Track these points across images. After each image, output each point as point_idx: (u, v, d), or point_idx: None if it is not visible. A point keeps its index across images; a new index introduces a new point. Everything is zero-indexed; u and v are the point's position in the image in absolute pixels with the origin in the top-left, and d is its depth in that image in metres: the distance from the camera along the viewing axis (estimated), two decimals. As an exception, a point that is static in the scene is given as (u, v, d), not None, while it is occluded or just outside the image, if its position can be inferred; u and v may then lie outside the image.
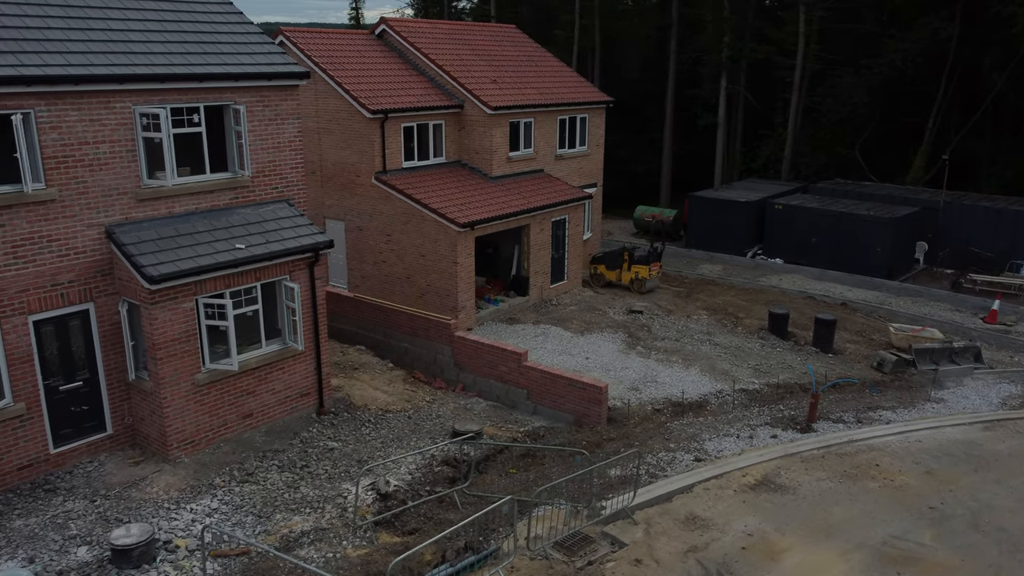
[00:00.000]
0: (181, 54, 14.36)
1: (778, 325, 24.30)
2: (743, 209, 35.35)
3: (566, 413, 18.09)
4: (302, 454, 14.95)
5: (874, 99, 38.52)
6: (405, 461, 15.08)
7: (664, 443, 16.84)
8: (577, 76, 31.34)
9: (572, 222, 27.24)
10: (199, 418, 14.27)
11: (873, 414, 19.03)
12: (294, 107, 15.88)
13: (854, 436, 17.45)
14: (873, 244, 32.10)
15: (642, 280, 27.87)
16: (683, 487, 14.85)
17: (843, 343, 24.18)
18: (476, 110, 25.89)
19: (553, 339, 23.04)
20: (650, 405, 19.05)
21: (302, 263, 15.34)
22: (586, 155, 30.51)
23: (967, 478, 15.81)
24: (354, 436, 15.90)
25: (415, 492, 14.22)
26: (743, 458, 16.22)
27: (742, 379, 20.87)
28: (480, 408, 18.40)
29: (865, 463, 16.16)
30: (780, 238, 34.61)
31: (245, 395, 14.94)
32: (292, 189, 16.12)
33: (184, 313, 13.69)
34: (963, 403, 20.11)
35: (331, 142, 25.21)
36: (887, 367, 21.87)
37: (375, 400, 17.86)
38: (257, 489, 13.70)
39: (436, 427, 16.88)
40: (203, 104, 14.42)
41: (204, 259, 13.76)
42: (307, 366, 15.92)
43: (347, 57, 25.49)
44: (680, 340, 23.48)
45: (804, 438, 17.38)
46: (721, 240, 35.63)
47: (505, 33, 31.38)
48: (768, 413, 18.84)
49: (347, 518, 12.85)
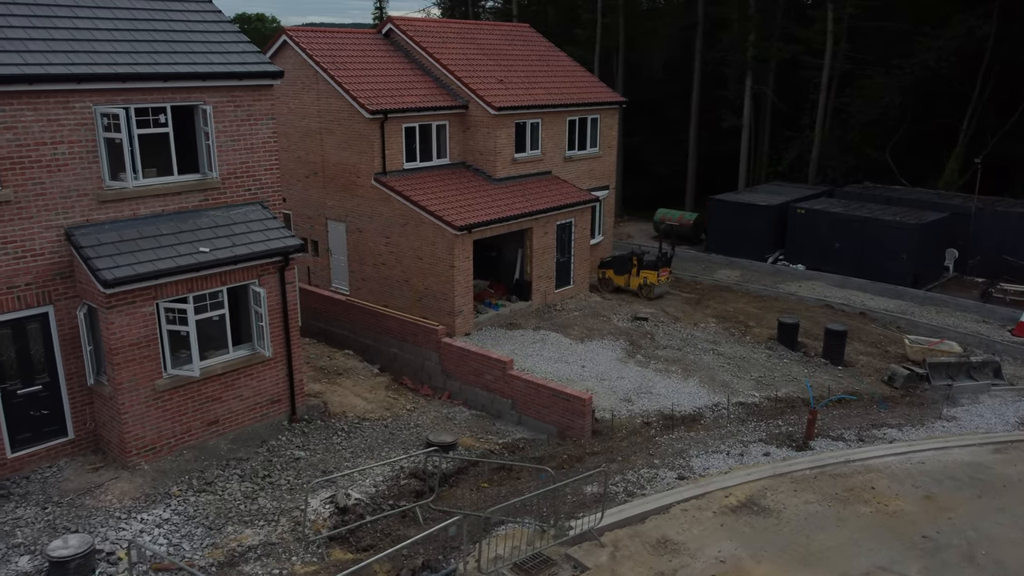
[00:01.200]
0: (148, 53, 14.09)
1: (787, 335, 23.36)
2: (764, 213, 34.30)
3: (550, 425, 17.49)
4: (266, 463, 14.58)
5: (906, 100, 37.13)
6: (372, 473, 14.62)
7: (648, 459, 16.15)
8: (590, 76, 30.64)
9: (578, 225, 26.57)
10: (160, 424, 13.98)
11: (877, 432, 18.08)
12: (268, 107, 15.53)
13: (851, 456, 16.55)
14: (898, 251, 30.84)
15: (651, 286, 27.09)
16: (659, 507, 14.14)
17: (855, 355, 23.14)
18: (480, 111, 25.39)
19: (551, 346, 22.42)
20: (640, 418, 18.34)
21: (271, 267, 14.98)
22: (597, 157, 29.80)
23: (969, 505, 14.84)
24: (324, 445, 15.50)
25: (377, 506, 13.75)
26: (729, 477, 15.45)
27: (742, 392, 20.03)
28: (462, 418, 17.88)
29: (859, 485, 15.28)
30: (802, 243, 33.48)
31: (210, 401, 14.62)
32: (266, 191, 15.77)
33: (143, 317, 13.41)
34: (976, 422, 19.03)
35: (332, 143, 24.92)
36: (898, 382, 20.83)
37: (354, 407, 17.45)
38: (213, 499, 13.36)
39: (412, 437, 16.40)
40: (170, 104, 14.12)
41: (164, 262, 13.46)
42: (278, 372, 15.56)
43: (350, 57, 25.17)
44: (683, 349, 22.68)
45: (798, 457, 16.53)
46: (742, 245, 34.60)
47: (517, 32, 30.82)
48: (764, 429, 18.01)
49: (300, 532, 12.42)
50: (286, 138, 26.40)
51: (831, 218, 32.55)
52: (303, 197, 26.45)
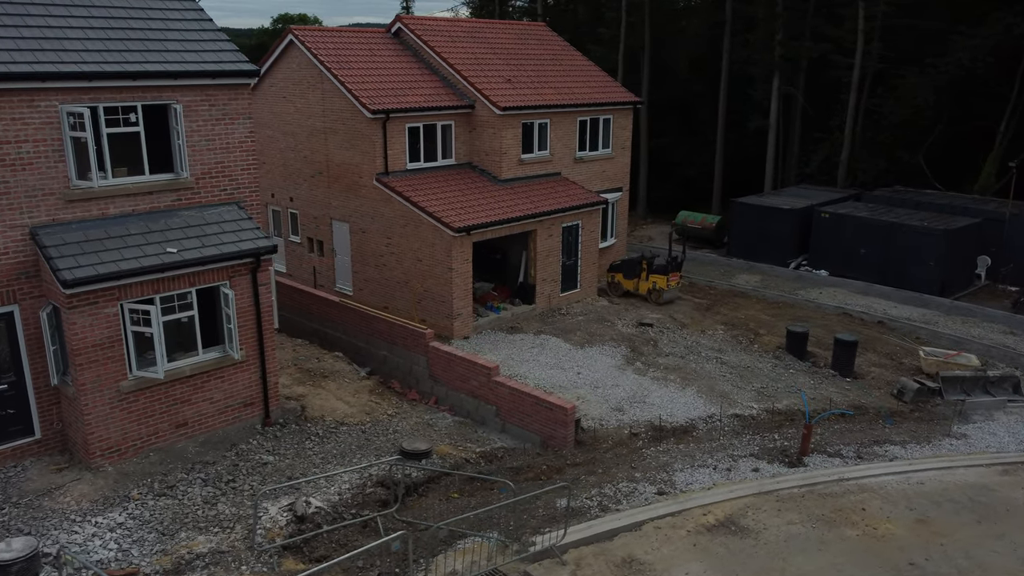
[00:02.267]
0: (120, 51, 13.97)
1: (796, 344, 22.50)
2: (787, 217, 33.27)
3: (533, 433, 17.02)
4: (232, 468, 14.37)
5: (940, 100, 35.69)
6: (339, 480, 14.32)
7: (630, 472, 15.59)
8: (605, 76, 30.02)
9: (586, 228, 26.00)
10: (126, 426, 13.86)
11: (878, 449, 17.25)
12: (245, 106, 15.34)
13: (845, 474, 15.78)
14: (925, 257, 29.63)
15: (660, 290, 26.40)
16: (631, 524, 13.61)
17: (868, 366, 22.18)
18: (486, 111, 24.99)
19: (550, 351, 21.92)
20: (629, 428, 17.76)
21: (242, 268, 14.77)
22: (610, 158, 29.18)
23: (965, 530, 14.00)
24: (295, 450, 15.25)
25: (338, 515, 13.44)
26: (712, 493, 14.83)
27: (740, 403, 19.30)
28: (444, 424, 17.50)
29: (849, 506, 14.53)
30: (826, 249, 32.39)
31: (179, 404, 14.46)
32: (243, 191, 15.57)
33: (106, 318, 13.29)
34: (988, 441, 18.05)
35: (336, 142, 24.75)
36: (907, 396, 19.88)
37: (334, 411, 17.19)
38: (172, 504, 13.18)
39: (388, 444, 16.07)
40: (140, 103, 13.99)
41: (128, 263, 13.32)
42: (250, 375, 15.36)
43: (356, 56, 24.97)
44: (685, 357, 21.99)
45: (789, 473, 15.82)
46: (764, 249, 33.62)
47: (532, 31, 30.35)
48: (758, 443, 17.30)
49: (253, 541, 12.15)
50: (293, 137, 26.34)
51: (856, 222, 31.43)
52: (309, 197, 26.36)
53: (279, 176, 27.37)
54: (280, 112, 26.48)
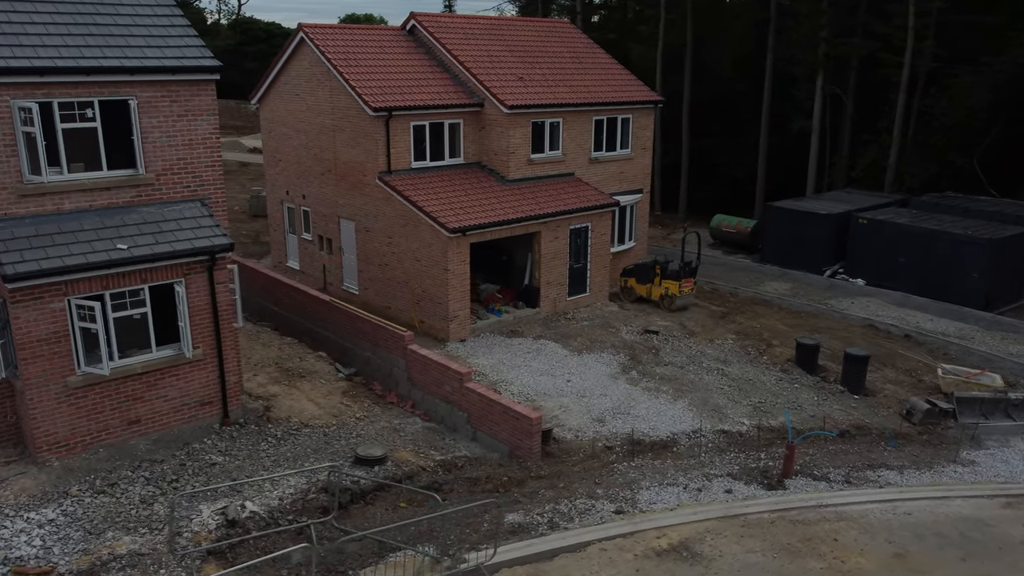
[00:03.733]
0: (78, 47, 13.98)
1: (806, 357, 21.28)
2: (823, 222, 31.77)
3: (502, 443, 16.43)
4: (179, 468, 14.23)
5: (997, 101, 33.51)
6: (284, 484, 14.02)
7: (592, 488, 14.86)
8: (627, 74, 29.12)
9: (596, 231, 25.21)
10: (74, 422, 13.86)
11: (871, 473, 16.09)
12: (209, 102, 15.18)
13: (826, 499, 14.73)
14: (968, 268, 27.84)
15: (672, 296, 25.43)
16: (576, 544, 12.92)
17: (883, 383, 20.82)
18: (495, 109, 24.46)
19: (545, 357, 21.27)
20: (605, 440, 16.99)
21: (197, 266, 14.62)
22: (629, 159, 28.28)
23: (946, 568, 12.85)
24: (248, 451, 15.03)
25: (274, 521, 13.14)
26: (674, 514, 14.01)
27: (732, 418, 18.30)
28: (412, 429, 17.05)
29: (821, 535, 13.52)
30: (864, 256, 30.79)
31: (131, 401, 14.40)
32: (208, 188, 15.43)
33: (52, 313, 13.29)
34: (998, 469, 16.66)
35: (343, 140, 24.60)
36: (916, 416, 18.53)
37: (301, 412, 16.94)
38: (109, 502, 13.09)
39: (348, 448, 15.71)
40: (97, 99, 13.96)
41: (75, 258, 13.30)
42: (208, 374, 15.21)
43: (366, 54, 24.76)
44: (685, 367, 21.04)
45: (764, 496, 14.86)
46: (799, 256, 32.18)
47: (554, 28, 29.66)
48: (740, 461, 16.33)
49: (171, 544, 11.93)
50: (305, 135, 26.33)
51: (896, 229, 29.77)
52: (319, 194, 26.30)
53: (293, 173, 27.42)
54: (293, 109, 26.51)
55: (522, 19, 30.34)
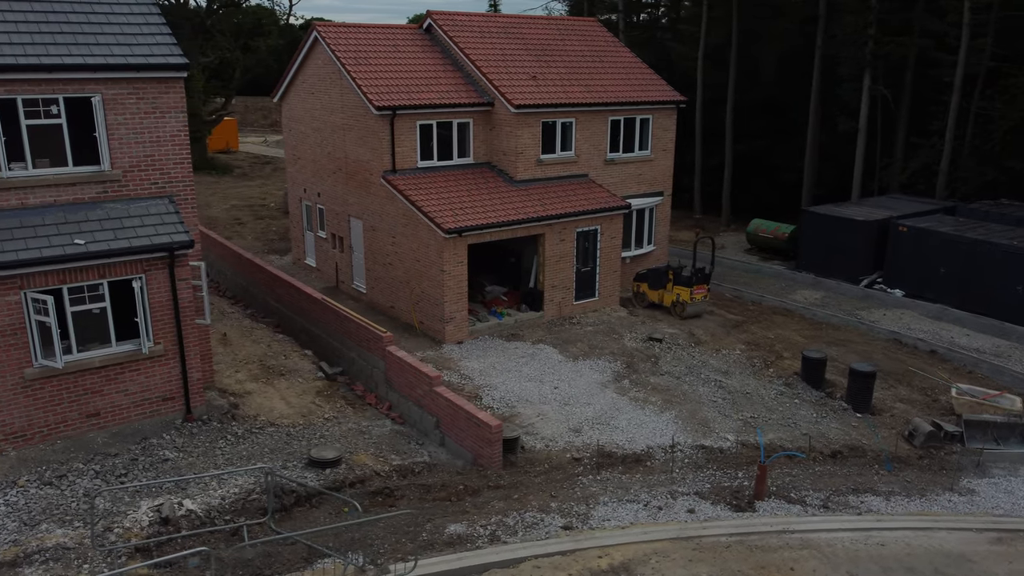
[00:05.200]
0: (45, 44, 14.21)
1: (812, 372, 20.19)
2: (861, 229, 30.24)
3: (467, 450, 16.04)
4: (130, 462, 14.31)
5: (1059, 103, 31.34)
6: (230, 483, 13.94)
7: (546, 500, 14.33)
8: (650, 73, 28.28)
9: (606, 234, 24.55)
10: (31, 413, 14.10)
11: (854, 498, 15.09)
12: (177, 100, 15.24)
13: (794, 525, 13.84)
14: (1012, 280, 26.05)
15: (683, 303, 24.54)
16: (509, 560, 12.43)
17: (893, 401, 19.58)
18: (504, 109, 24.06)
19: (538, 362, 20.77)
20: (574, 451, 16.40)
21: (158, 263, 14.69)
22: (648, 160, 27.46)
23: (905, 607, 11.87)
24: (203, 448, 15.02)
25: (211, 520, 13.07)
26: (623, 533, 13.37)
27: (717, 433, 17.45)
28: (380, 432, 16.79)
29: (778, 563, 12.69)
30: (903, 266, 29.18)
31: (90, 394, 14.58)
32: (177, 186, 15.52)
33: (8, 306, 13.54)
34: (998, 500, 15.41)
35: (352, 139, 24.61)
36: (918, 439, 17.31)
37: (271, 411, 16.89)
38: (52, 494, 13.24)
39: (306, 448, 15.56)
40: (62, 96, 14.17)
41: (30, 252, 13.51)
42: (169, 370, 15.28)
43: (377, 53, 24.69)
44: (681, 378, 20.22)
45: (729, 518, 14.06)
46: (835, 264, 30.74)
47: (577, 27, 29.03)
48: (714, 479, 15.54)
49: (93, 539, 11.95)
50: (319, 133, 26.46)
51: (937, 238, 28.10)
52: (332, 193, 26.40)
53: (309, 172, 27.62)
54: (309, 108, 26.68)
55: (544, 17, 29.79)
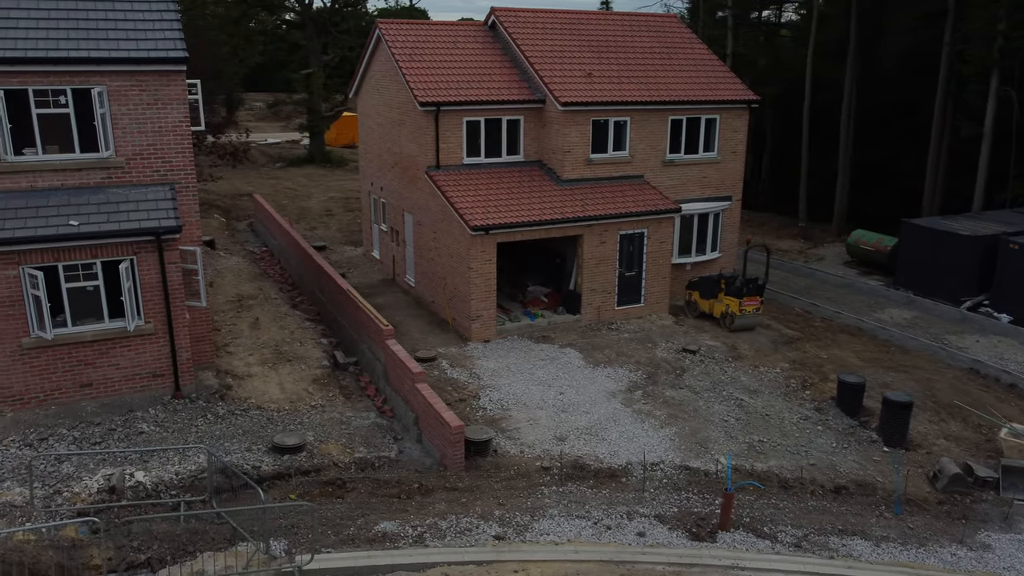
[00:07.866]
0: (57, 39, 15.31)
1: (848, 398, 18.39)
2: (966, 245, 27.29)
3: (437, 449, 15.82)
4: (107, 432, 15.18)
5: None
6: (192, 460, 14.49)
7: (491, 507, 13.92)
8: (724, 71, 26.77)
9: (654, 237, 23.49)
10: (28, 379, 15.24)
11: (837, 539, 13.67)
12: (179, 92, 15.99)
13: (745, 561, 12.68)
14: None
15: (732, 315, 23.06)
16: (418, 564, 12.17)
17: (935, 437, 17.49)
18: (553, 106, 23.57)
19: (556, 366, 20.21)
20: (546, 460, 15.76)
21: (147, 245, 15.47)
22: (714, 163, 26.01)
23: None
24: (181, 426, 15.69)
25: (157, 494, 13.63)
26: (553, 550, 12.77)
27: (712, 454, 16.24)
28: (360, 424, 16.87)
29: (706, 601, 11.64)
30: (1013, 288, 26.06)
31: (83, 365, 15.58)
32: (179, 174, 16.30)
33: (6, 279, 14.70)
34: (1014, 560, 13.38)
35: (404, 135, 24.94)
36: (941, 482, 15.33)
37: (262, 395, 17.40)
38: (28, 455, 14.24)
39: (273, 433, 15.88)
40: (69, 87, 15.23)
41: (26, 231, 14.60)
42: (159, 348, 16.07)
43: (435, 50, 24.85)
44: (701, 393, 19.00)
45: (679, 547, 13.10)
46: (936, 282, 27.92)
47: (649, 23, 27.91)
48: (685, 503, 14.51)
49: (32, 502, 12.73)
50: (381, 128, 27.01)
51: (1051, 258, 24.93)
52: (390, 186, 26.88)
53: (375, 166, 28.26)
54: (375, 104, 27.28)
55: (612, 13, 28.90)
